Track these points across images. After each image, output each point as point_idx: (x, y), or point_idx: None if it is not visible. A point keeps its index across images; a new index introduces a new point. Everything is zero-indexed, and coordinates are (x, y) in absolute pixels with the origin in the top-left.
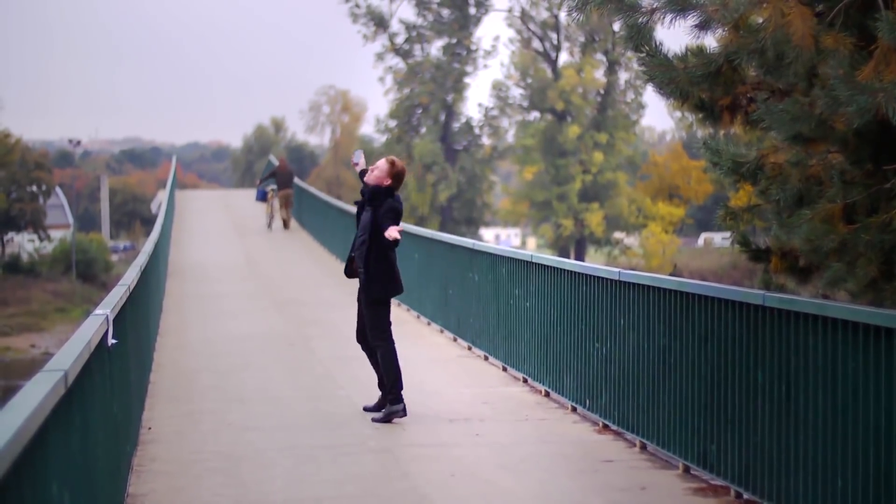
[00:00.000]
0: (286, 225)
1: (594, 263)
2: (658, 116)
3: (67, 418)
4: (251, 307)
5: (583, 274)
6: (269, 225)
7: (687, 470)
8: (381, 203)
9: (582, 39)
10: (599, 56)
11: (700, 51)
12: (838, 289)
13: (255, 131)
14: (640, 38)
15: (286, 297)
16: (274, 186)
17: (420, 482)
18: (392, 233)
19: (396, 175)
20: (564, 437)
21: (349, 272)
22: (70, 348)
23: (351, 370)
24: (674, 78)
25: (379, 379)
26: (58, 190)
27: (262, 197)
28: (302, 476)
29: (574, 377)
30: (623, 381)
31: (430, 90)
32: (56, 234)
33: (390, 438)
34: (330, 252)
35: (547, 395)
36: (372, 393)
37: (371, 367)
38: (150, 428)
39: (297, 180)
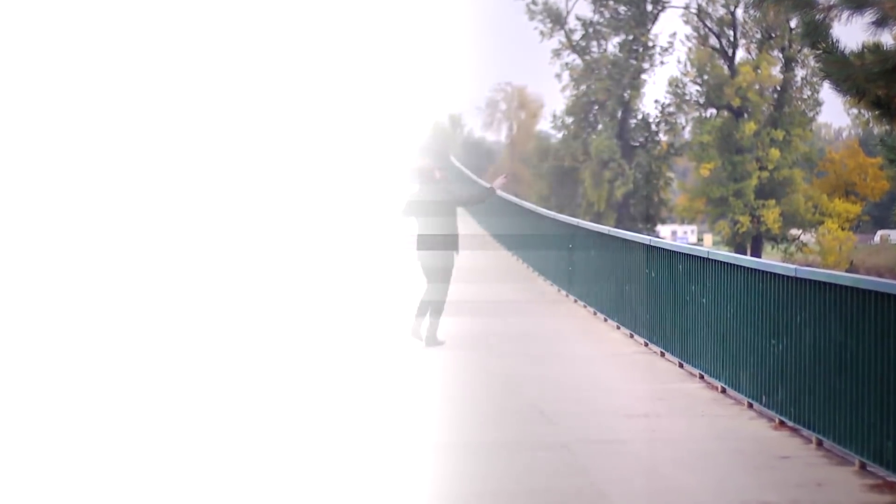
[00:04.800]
0: None
1: (770, 260)
2: (834, 113)
3: None
4: None
5: (759, 270)
6: None
7: (863, 466)
8: None
9: (758, 36)
10: (776, 53)
11: (876, 48)
12: None
13: (433, 128)
14: (816, 34)
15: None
16: None
17: (598, 478)
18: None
19: None
20: (740, 434)
21: None
22: None
23: (533, 369)
24: (850, 75)
25: None
26: None
27: None
28: (479, 471)
29: (750, 373)
30: (799, 377)
31: (606, 87)
32: None
33: (567, 434)
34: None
35: (723, 391)
36: (551, 391)
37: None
38: None
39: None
